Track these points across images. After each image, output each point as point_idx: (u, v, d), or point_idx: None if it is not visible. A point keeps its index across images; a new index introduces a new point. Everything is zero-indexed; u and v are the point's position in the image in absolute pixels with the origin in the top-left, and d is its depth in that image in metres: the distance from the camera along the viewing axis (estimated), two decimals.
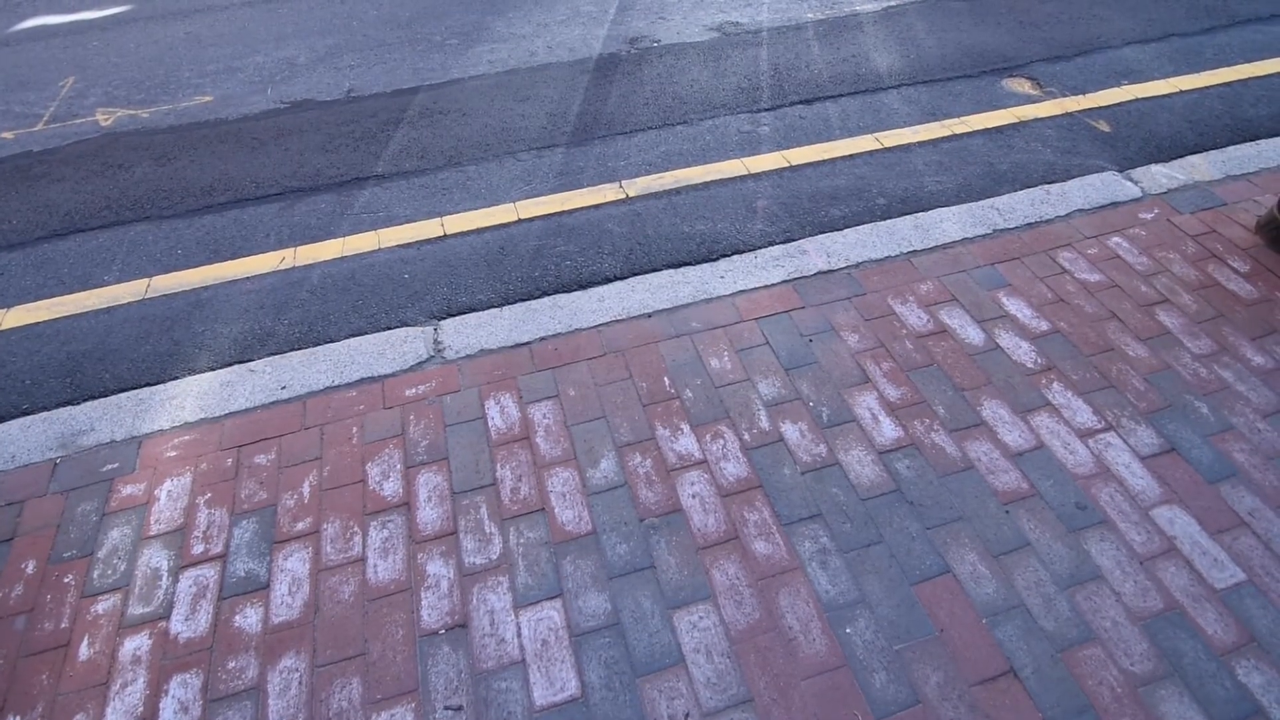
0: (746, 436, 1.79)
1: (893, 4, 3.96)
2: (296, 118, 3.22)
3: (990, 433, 1.80)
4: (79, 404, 2.00)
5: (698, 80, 3.35)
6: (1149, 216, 2.52)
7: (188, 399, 1.97)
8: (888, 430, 1.80)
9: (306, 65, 3.59)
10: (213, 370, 2.07)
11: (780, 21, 3.81)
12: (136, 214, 2.75)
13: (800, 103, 3.18)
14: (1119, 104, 3.20)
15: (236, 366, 2.05)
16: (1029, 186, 2.68)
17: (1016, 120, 3.08)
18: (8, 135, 3.29)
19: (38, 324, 2.33)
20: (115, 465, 1.81)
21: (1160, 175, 2.73)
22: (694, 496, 1.66)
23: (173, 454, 1.83)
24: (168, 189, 2.86)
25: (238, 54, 3.74)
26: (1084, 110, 3.15)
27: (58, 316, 2.34)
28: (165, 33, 4.06)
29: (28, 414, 2.02)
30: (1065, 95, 3.24)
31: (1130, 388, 1.92)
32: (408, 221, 2.61)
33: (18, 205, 2.85)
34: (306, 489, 1.73)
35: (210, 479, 1.77)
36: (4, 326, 2.34)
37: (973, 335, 2.06)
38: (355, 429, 1.86)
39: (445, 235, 2.54)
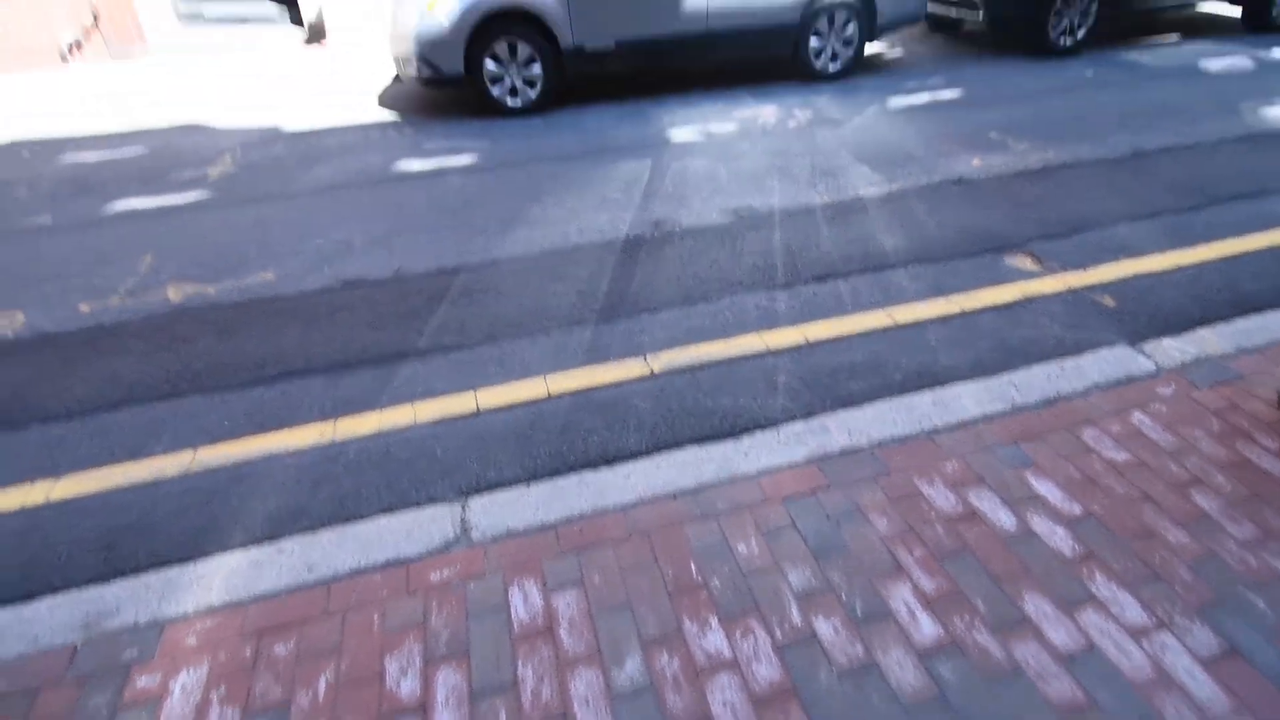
0: (778, 633, 1.72)
1: (893, 189, 4.33)
2: (348, 295, 3.50)
3: (1036, 631, 1.72)
4: (109, 582, 2.02)
5: (717, 260, 3.62)
6: (1167, 391, 2.56)
7: (215, 579, 1.98)
8: (926, 627, 1.73)
9: (361, 247, 3.95)
10: (243, 548, 2.09)
11: (791, 205, 4.16)
12: (193, 386, 2.92)
13: (814, 280, 3.39)
14: (1120, 279, 3.37)
15: (266, 545, 2.07)
16: (1043, 361, 2.75)
17: (1023, 296, 3.24)
18: (84, 308, 3.60)
19: (84, 495, 2.41)
20: (135, 652, 1.79)
21: (1172, 349, 2.80)
22: (724, 704, 1.58)
23: (193, 641, 1.81)
24: (225, 362, 3.07)
25: (301, 236, 4.15)
26: (1087, 286, 3.31)
27: (104, 488, 2.43)
28: (239, 217, 4.54)
29: (58, 591, 2.04)
30: (1067, 271, 3.42)
31: (1177, 579, 1.84)
32: (444, 395, 2.73)
33: (84, 376, 3.05)
34: (323, 685, 1.68)
35: (227, 670, 1.73)
36: (53, 497, 2.42)
37: (1004, 519, 2.03)
38: (377, 616, 1.83)
39: (479, 410, 2.65)
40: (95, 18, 8.62)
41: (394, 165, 5.18)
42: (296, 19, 9.25)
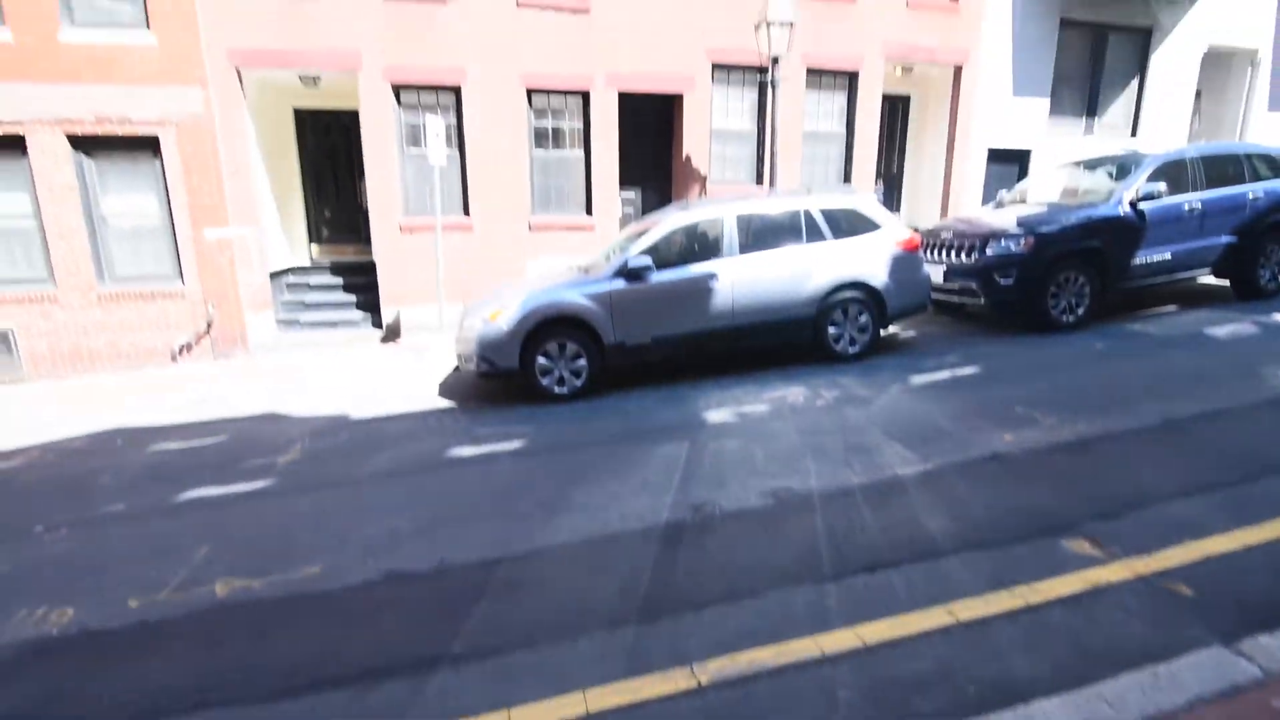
0: None
1: (929, 467, 4.38)
2: (389, 590, 3.50)
3: None
4: None
5: (760, 547, 3.57)
6: None
7: None
8: None
9: (408, 535, 4.05)
10: None
11: (829, 486, 4.21)
12: (218, 698, 2.80)
13: (863, 570, 3.28)
14: (1191, 563, 3.17)
15: None
16: (1130, 668, 2.49)
17: (1090, 586, 3.05)
18: (133, 603, 3.64)
19: None
20: None
21: (1275, 649, 2.54)
22: None
23: None
24: (255, 669, 2.98)
25: (351, 525, 4.29)
26: (1156, 573, 3.11)
27: None
28: (298, 505, 4.78)
29: None
30: (1131, 556, 3.25)
31: None
32: (476, 715, 2.55)
33: (112, 685, 2.97)
34: None
35: None
36: None
37: None
38: None
39: None
40: (209, 325, 10.16)
41: (447, 451, 5.53)
42: (377, 323, 10.76)
